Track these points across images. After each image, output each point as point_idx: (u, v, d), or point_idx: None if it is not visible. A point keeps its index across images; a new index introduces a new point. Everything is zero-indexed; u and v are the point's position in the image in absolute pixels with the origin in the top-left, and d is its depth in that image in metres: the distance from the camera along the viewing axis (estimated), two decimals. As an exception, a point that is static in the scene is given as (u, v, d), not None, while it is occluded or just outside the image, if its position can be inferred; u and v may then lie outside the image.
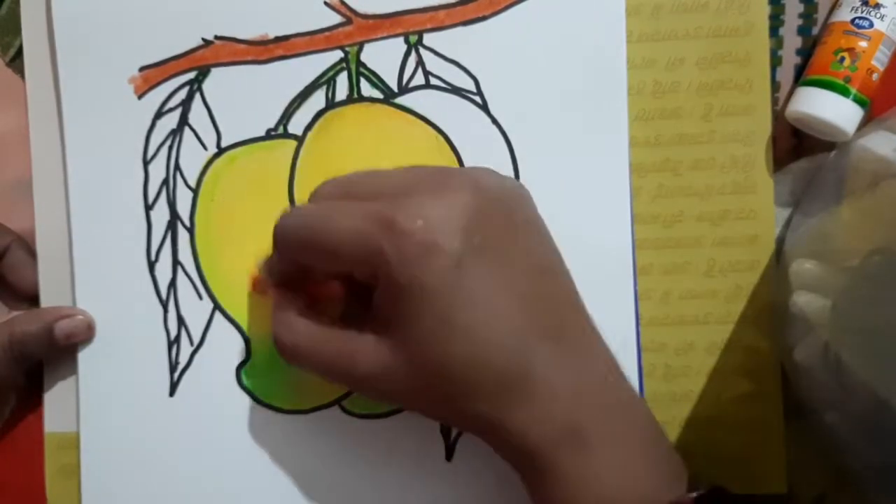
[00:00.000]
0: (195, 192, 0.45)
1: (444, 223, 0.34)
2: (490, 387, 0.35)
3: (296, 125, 0.45)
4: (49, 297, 0.45)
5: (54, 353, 0.45)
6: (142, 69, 0.45)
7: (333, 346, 0.38)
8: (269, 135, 0.45)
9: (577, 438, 0.35)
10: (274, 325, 0.40)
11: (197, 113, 0.45)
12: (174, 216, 0.45)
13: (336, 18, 0.45)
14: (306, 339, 0.38)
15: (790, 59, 0.44)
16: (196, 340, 0.45)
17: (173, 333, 0.45)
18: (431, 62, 0.45)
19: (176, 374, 0.45)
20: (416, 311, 0.35)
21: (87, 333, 0.45)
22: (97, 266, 0.45)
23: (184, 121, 0.45)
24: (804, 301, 0.40)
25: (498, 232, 0.36)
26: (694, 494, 0.35)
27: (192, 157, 0.45)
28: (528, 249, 0.37)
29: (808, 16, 0.44)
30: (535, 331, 0.36)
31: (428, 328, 0.35)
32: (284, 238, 0.38)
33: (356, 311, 0.39)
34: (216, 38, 0.45)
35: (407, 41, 0.45)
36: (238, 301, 0.45)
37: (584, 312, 0.38)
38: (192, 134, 0.45)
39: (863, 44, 0.41)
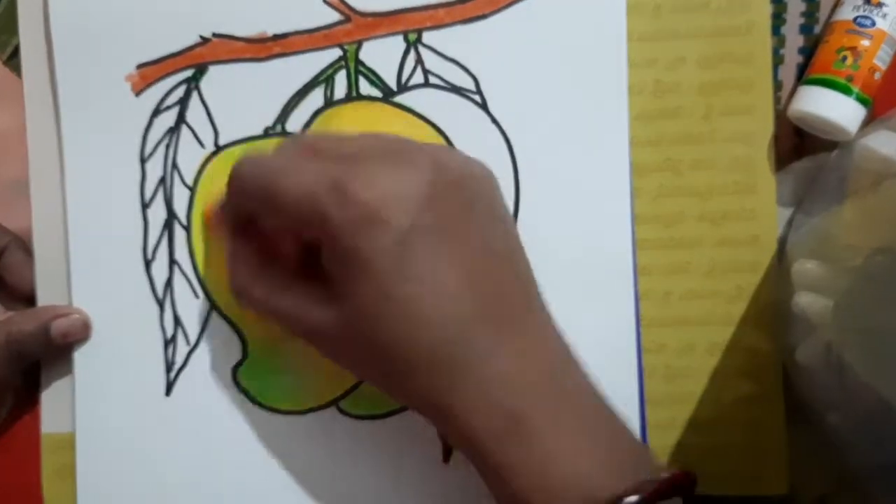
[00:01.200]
0: (192, 190, 0.45)
1: (396, 196, 0.34)
2: (426, 366, 0.35)
3: (294, 123, 0.45)
4: (46, 296, 0.45)
5: (51, 352, 0.44)
6: (139, 67, 0.45)
7: (288, 300, 0.37)
8: (267, 133, 0.45)
9: (519, 427, 0.35)
10: (230, 267, 0.40)
11: (194, 111, 0.45)
12: (171, 215, 0.45)
13: (335, 16, 0.44)
14: (262, 286, 0.38)
15: (792, 57, 0.44)
16: (192, 340, 0.45)
17: (169, 333, 0.45)
18: (431, 61, 0.44)
19: (172, 374, 0.45)
20: (356, 280, 0.34)
21: (83, 332, 0.44)
22: (94, 265, 0.45)
23: (181, 119, 0.45)
24: (806, 301, 0.40)
25: (452, 213, 0.35)
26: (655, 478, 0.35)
27: (190, 156, 0.45)
28: (482, 233, 0.36)
29: (810, 14, 0.44)
30: (478, 314, 0.35)
31: (366, 300, 0.35)
32: (238, 183, 0.38)
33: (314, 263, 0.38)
34: (214, 35, 0.45)
35: (406, 39, 0.44)
36: (235, 301, 0.44)
37: (536, 300, 0.37)
38: (189, 132, 0.45)
39: (865, 42, 0.41)
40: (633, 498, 0.33)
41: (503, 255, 0.37)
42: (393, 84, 0.44)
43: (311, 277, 0.38)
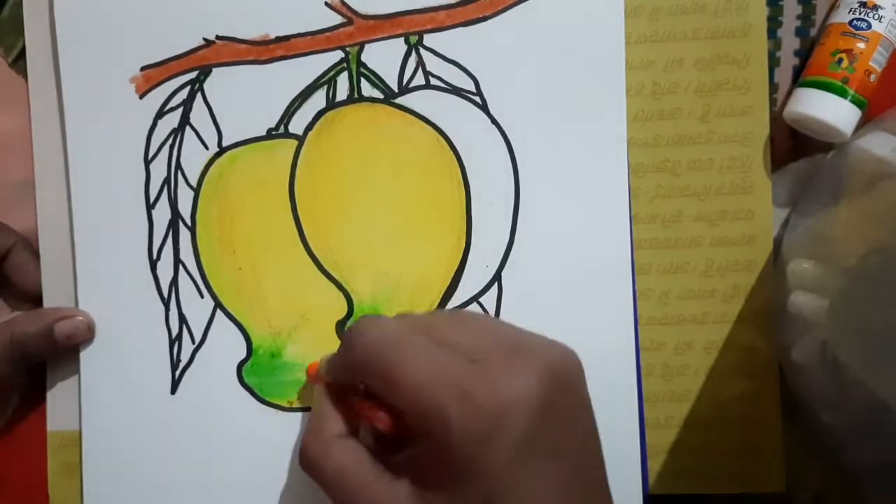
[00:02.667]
0: (196, 191, 0.45)
1: (516, 406, 0.33)
2: None
3: (296, 125, 0.45)
4: (51, 296, 0.46)
5: (55, 353, 0.45)
6: (143, 69, 0.45)
7: (362, 480, 0.36)
8: (270, 134, 0.45)
9: None
10: (308, 432, 0.38)
11: (198, 112, 0.45)
12: (175, 215, 0.45)
13: (337, 19, 0.45)
14: (339, 465, 0.37)
15: (788, 60, 0.44)
16: (197, 338, 0.45)
17: (175, 331, 0.45)
18: (432, 62, 0.45)
19: (177, 373, 0.45)
20: (463, 486, 0.34)
21: (86, 334, 0.45)
22: (99, 265, 0.45)
23: (185, 120, 0.45)
24: (802, 301, 0.40)
25: (559, 419, 0.35)
26: None
27: (194, 157, 0.45)
28: (582, 442, 0.36)
29: (806, 17, 0.44)
30: None
31: (469, 501, 0.34)
32: (360, 354, 0.36)
33: (393, 442, 0.37)
34: (217, 38, 0.45)
35: (407, 42, 0.45)
36: (239, 299, 0.45)
37: (607, 490, 0.37)
38: (193, 133, 0.45)
39: (861, 45, 0.41)
40: None
41: (594, 463, 0.37)
42: (394, 86, 0.45)
43: (388, 458, 0.37)
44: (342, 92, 0.45)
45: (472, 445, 0.33)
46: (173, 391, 0.45)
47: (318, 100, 0.45)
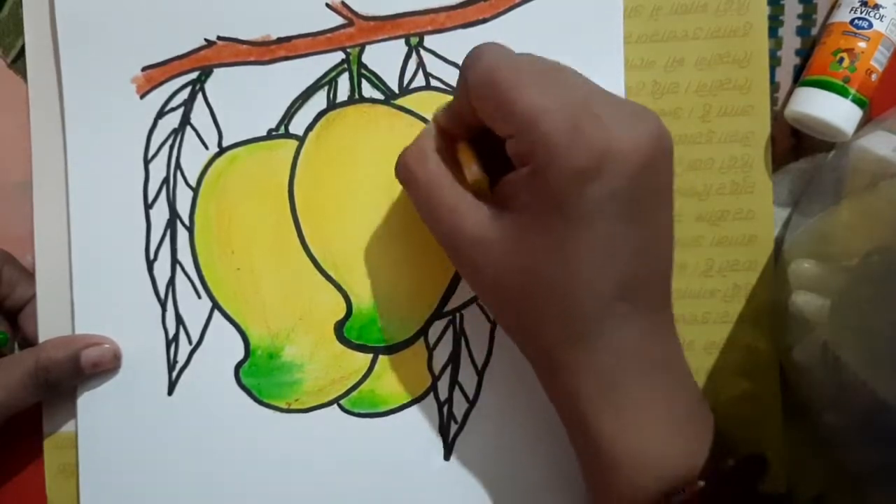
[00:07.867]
0: (195, 191, 0.45)
1: (622, 155, 0.34)
2: (561, 319, 0.36)
3: (297, 125, 0.45)
4: (46, 297, 0.45)
5: (80, 380, 0.45)
6: (144, 69, 0.45)
7: (451, 198, 0.38)
8: (271, 135, 0.45)
9: (616, 394, 0.36)
10: (409, 145, 0.40)
11: (199, 113, 0.45)
12: (174, 215, 0.45)
13: (338, 20, 0.45)
14: (431, 174, 0.38)
15: (789, 59, 0.44)
16: (195, 339, 0.45)
17: (172, 332, 0.45)
18: (432, 64, 0.45)
19: (174, 373, 0.45)
20: (544, 218, 0.34)
21: (113, 363, 0.45)
22: (96, 265, 0.45)
23: (185, 120, 0.45)
24: (803, 301, 0.40)
25: (652, 185, 0.35)
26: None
27: (193, 157, 0.45)
28: (662, 215, 0.37)
29: (807, 16, 0.44)
30: (628, 291, 0.35)
31: (549, 241, 0.35)
32: (479, 74, 0.36)
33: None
34: (219, 38, 0.45)
35: (408, 43, 0.45)
36: (237, 300, 0.45)
37: (669, 282, 0.38)
38: (193, 133, 0.45)
39: (862, 44, 0.41)
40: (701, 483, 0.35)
41: (666, 238, 0.37)
42: (395, 86, 0.45)
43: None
44: (343, 93, 0.45)
45: (570, 180, 0.33)
46: (170, 392, 0.45)
47: (319, 100, 0.45)
